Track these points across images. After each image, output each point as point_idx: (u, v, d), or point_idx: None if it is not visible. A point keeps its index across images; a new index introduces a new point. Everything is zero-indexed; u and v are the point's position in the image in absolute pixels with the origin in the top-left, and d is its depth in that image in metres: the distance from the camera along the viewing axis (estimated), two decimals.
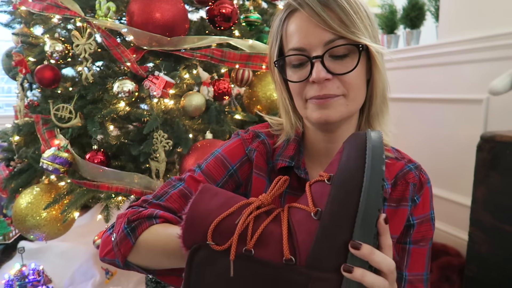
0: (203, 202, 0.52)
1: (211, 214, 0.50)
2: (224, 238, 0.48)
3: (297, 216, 0.50)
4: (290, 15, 0.61)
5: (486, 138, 1.32)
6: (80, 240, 2.08)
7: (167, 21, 1.34)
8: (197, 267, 0.49)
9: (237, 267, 0.47)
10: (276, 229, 0.49)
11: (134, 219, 0.61)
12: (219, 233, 0.48)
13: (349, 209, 0.45)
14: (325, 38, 0.57)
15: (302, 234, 0.47)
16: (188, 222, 0.50)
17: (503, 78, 1.35)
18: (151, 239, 0.59)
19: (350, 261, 0.44)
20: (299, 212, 0.50)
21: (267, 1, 1.82)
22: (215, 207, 0.51)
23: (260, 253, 0.47)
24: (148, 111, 1.41)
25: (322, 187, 0.50)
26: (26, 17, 1.68)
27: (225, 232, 0.48)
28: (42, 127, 1.48)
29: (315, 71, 0.58)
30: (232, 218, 0.49)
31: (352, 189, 0.46)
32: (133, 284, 1.78)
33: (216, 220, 0.49)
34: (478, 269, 1.36)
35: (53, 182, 1.53)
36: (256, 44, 1.45)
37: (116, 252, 0.60)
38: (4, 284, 1.61)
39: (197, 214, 0.50)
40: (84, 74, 1.42)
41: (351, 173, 0.48)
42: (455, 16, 1.97)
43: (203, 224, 0.49)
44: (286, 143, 0.70)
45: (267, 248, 0.47)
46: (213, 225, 0.48)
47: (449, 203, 1.93)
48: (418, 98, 2.20)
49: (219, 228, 0.48)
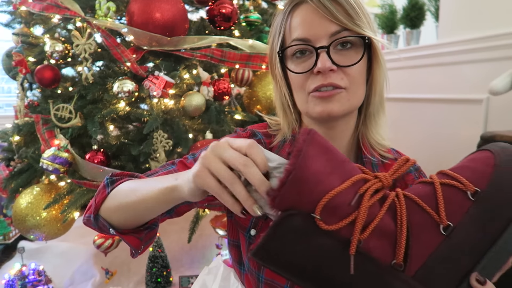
0: (314, 159, 0.41)
1: (323, 181, 0.41)
2: (332, 217, 0.40)
3: (417, 218, 0.43)
4: (295, 9, 0.62)
5: (486, 138, 1.32)
6: (80, 240, 2.08)
7: (167, 21, 1.34)
8: (287, 234, 0.41)
9: (337, 251, 0.41)
10: (390, 223, 0.43)
11: (117, 174, 0.63)
12: (327, 208, 0.40)
13: (487, 238, 0.41)
14: (331, 29, 0.58)
15: (420, 244, 0.42)
16: (295, 181, 0.39)
17: (503, 78, 1.35)
18: (126, 188, 0.60)
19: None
20: (421, 215, 0.43)
21: (267, 1, 1.82)
22: (326, 172, 0.41)
23: (368, 246, 0.41)
24: (148, 111, 1.41)
25: (459, 198, 0.43)
26: (26, 17, 1.68)
27: (334, 210, 0.41)
28: (42, 127, 1.48)
29: (321, 61, 0.57)
30: (346, 196, 0.41)
31: (501, 217, 0.41)
32: (133, 284, 1.78)
33: (330, 193, 0.40)
34: None
35: (53, 182, 1.53)
36: (256, 44, 1.45)
37: (92, 204, 0.61)
38: (5, 284, 1.61)
39: (306, 176, 0.40)
40: (84, 74, 1.42)
41: (508, 199, 0.41)
42: (455, 16, 1.97)
43: (312, 192, 0.40)
44: (282, 143, 0.69)
45: (378, 242, 0.42)
46: (326, 198, 0.40)
47: None
48: (418, 98, 2.20)
49: (329, 203, 0.40)
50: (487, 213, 0.41)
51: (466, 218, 0.41)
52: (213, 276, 0.80)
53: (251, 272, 0.67)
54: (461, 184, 0.44)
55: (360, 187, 0.42)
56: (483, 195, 0.42)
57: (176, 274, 1.79)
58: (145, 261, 1.73)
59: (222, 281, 0.77)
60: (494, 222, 0.41)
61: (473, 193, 0.43)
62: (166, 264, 1.72)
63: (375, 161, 0.67)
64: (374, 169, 0.66)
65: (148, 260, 1.70)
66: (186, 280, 1.72)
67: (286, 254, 0.41)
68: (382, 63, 0.62)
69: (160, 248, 1.71)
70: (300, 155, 0.40)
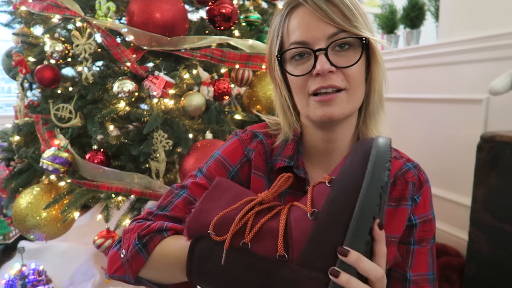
0: (212, 198, 0.55)
1: (217, 209, 0.53)
2: (225, 231, 0.50)
3: (295, 214, 0.51)
4: (292, 11, 0.62)
5: (486, 138, 1.32)
6: (80, 240, 2.08)
7: (167, 21, 1.34)
8: (197, 257, 0.52)
9: (233, 259, 0.49)
10: (274, 225, 0.50)
11: (145, 234, 0.59)
12: (220, 226, 0.51)
13: (344, 213, 0.45)
14: (328, 31, 0.58)
15: (297, 232, 0.48)
16: (195, 214, 0.54)
17: (503, 78, 1.35)
18: (164, 253, 0.58)
19: (339, 265, 0.44)
20: (298, 211, 0.51)
21: (267, 1, 1.82)
22: (223, 204, 0.54)
23: (256, 247, 0.49)
24: (148, 111, 1.41)
25: (323, 189, 0.51)
26: (26, 17, 1.68)
27: (226, 225, 0.51)
28: (42, 127, 1.48)
29: (319, 63, 0.58)
30: (235, 213, 0.52)
31: (350, 194, 0.46)
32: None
33: (219, 214, 0.51)
34: (478, 269, 1.36)
35: (53, 182, 1.53)
36: (256, 44, 1.45)
37: (127, 269, 0.59)
38: (5, 284, 1.61)
39: (204, 208, 0.54)
40: (84, 74, 1.42)
41: (351, 177, 0.48)
42: (455, 16, 1.97)
43: (207, 218, 0.52)
44: (284, 143, 0.69)
45: (263, 243, 0.49)
46: (216, 217, 0.51)
47: (449, 203, 1.93)
48: (418, 98, 2.20)
49: (221, 221, 0.51)
50: (339, 192, 0.48)
51: (327, 201, 0.48)
52: None
53: None
54: (324, 178, 0.53)
55: (247, 205, 0.52)
56: (335, 180, 0.50)
57: None
58: None
59: None
60: (346, 198, 0.47)
61: (329, 181, 0.51)
62: None
63: None
64: None
65: None
66: None
67: (206, 273, 0.51)
68: (380, 62, 0.62)
69: None
70: (202, 199, 0.55)
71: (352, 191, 0.46)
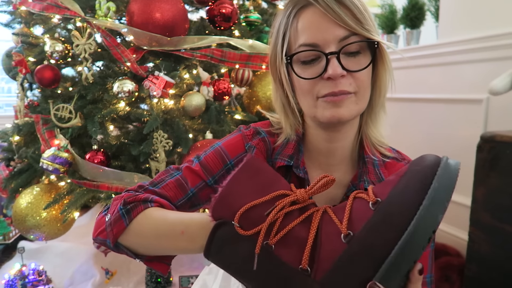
0: (242, 180, 0.50)
1: (246, 197, 0.49)
2: (251, 224, 0.47)
3: (328, 228, 0.46)
4: (301, 11, 0.60)
5: (486, 138, 1.32)
6: (80, 240, 2.08)
7: (167, 21, 1.34)
8: (218, 241, 0.49)
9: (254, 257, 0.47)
10: (303, 232, 0.47)
11: (130, 201, 0.61)
12: (247, 218, 0.48)
13: (382, 248, 0.41)
14: (340, 34, 0.57)
15: (326, 252, 0.44)
16: (222, 197, 0.49)
17: (503, 78, 1.35)
18: (145, 222, 0.59)
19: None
20: (331, 226, 0.46)
21: (267, 1, 1.82)
22: (251, 190, 0.50)
23: (280, 251, 0.46)
24: (148, 111, 1.41)
25: (364, 208, 0.45)
26: (26, 17, 1.68)
27: (253, 219, 0.48)
28: (42, 127, 1.48)
29: (331, 68, 0.57)
30: (264, 208, 0.48)
31: (395, 228, 0.41)
32: (133, 284, 1.78)
33: (247, 205, 0.48)
34: (478, 269, 1.36)
35: (53, 182, 1.53)
36: (256, 44, 1.45)
37: (109, 233, 0.60)
38: (5, 284, 1.61)
39: (232, 192, 0.49)
40: (84, 74, 1.43)
41: (400, 209, 0.42)
42: (455, 16, 1.97)
43: (234, 204, 0.48)
44: (286, 142, 0.69)
45: (289, 250, 0.46)
46: (243, 209, 0.47)
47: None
48: (418, 98, 2.20)
49: (248, 214, 0.48)
50: (383, 222, 0.42)
51: (366, 227, 0.43)
52: (214, 276, 0.80)
53: None
54: (369, 196, 0.46)
55: (278, 201, 0.48)
56: (381, 205, 0.44)
57: (176, 274, 1.79)
58: None
59: (222, 281, 0.76)
60: (389, 231, 0.41)
61: (373, 203, 0.45)
62: None
63: (376, 161, 0.67)
64: (376, 169, 0.66)
65: None
66: (186, 280, 1.72)
67: (224, 258, 0.49)
68: (388, 65, 0.62)
69: None
70: (231, 179, 0.50)
71: (399, 225, 0.41)
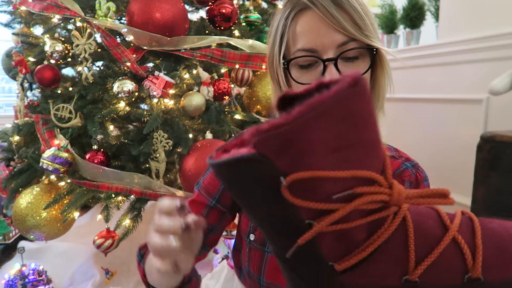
0: (326, 124, 0.29)
1: (314, 155, 0.30)
2: (302, 192, 0.31)
3: (394, 251, 0.35)
4: (299, 15, 0.59)
5: (486, 138, 1.32)
6: (80, 240, 2.08)
7: (167, 21, 1.34)
8: (243, 169, 0.30)
9: (286, 224, 0.33)
10: (362, 234, 0.34)
11: (143, 246, 0.68)
12: (301, 184, 0.30)
13: None
14: (338, 40, 0.56)
15: (377, 270, 0.35)
16: (284, 138, 0.28)
17: (503, 78, 1.35)
18: (150, 262, 0.60)
19: None
20: (400, 251, 0.35)
21: (267, 1, 1.82)
22: (331, 146, 0.30)
23: (323, 241, 0.33)
24: (148, 111, 1.41)
25: (455, 268, 0.35)
26: (26, 17, 1.68)
27: (309, 190, 0.31)
28: (42, 127, 1.48)
29: (329, 74, 0.56)
30: (333, 185, 0.31)
31: None
32: (133, 284, 1.78)
33: (310, 173, 0.29)
34: None
35: (53, 182, 1.53)
36: (256, 44, 1.45)
37: (142, 277, 0.66)
38: (5, 284, 1.61)
39: (297, 136, 0.29)
40: (84, 74, 1.42)
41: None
42: (455, 16, 1.97)
43: (296, 160, 0.29)
44: None
45: (333, 244, 0.34)
46: (302, 175, 0.29)
47: None
48: (418, 98, 2.20)
49: (310, 182, 0.30)
50: None
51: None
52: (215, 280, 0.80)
53: (252, 276, 0.67)
54: (471, 259, 0.34)
55: (359, 185, 0.31)
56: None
57: None
58: None
59: (225, 282, 0.77)
60: None
61: (471, 278, 0.34)
62: None
63: None
64: None
65: None
66: None
67: (236, 183, 0.33)
68: (387, 69, 0.62)
69: None
70: (311, 110, 0.28)
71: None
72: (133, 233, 1.40)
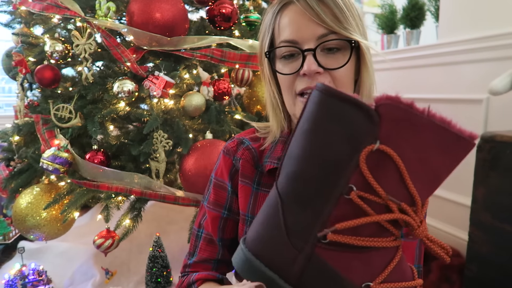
0: (434, 136, 0.34)
1: (409, 152, 0.34)
2: (376, 173, 0.34)
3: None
4: (284, 8, 0.61)
5: (486, 138, 1.32)
6: (80, 240, 2.08)
7: (167, 21, 1.34)
8: (345, 109, 0.34)
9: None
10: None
11: (191, 271, 0.72)
12: (379, 165, 0.34)
13: None
14: (318, 32, 0.58)
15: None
16: (409, 118, 0.33)
17: (503, 78, 1.35)
18: None
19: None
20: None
21: (267, 1, 1.82)
22: (422, 159, 0.34)
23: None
24: (148, 111, 1.41)
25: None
26: (26, 17, 1.68)
27: (381, 176, 0.34)
28: (42, 127, 1.48)
29: (307, 64, 0.58)
30: (397, 190, 0.35)
31: None
32: (133, 284, 1.78)
33: (403, 168, 0.34)
34: (478, 269, 1.36)
35: (53, 182, 1.53)
36: (256, 44, 1.45)
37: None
38: (5, 284, 1.61)
39: (417, 133, 0.34)
40: (84, 74, 1.42)
41: None
42: (455, 16, 1.97)
43: (401, 141, 0.34)
44: (274, 145, 0.69)
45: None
46: (399, 163, 0.33)
47: (449, 203, 1.93)
48: (418, 98, 2.20)
49: (387, 167, 0.34)
50: None
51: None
52: None
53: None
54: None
55: (388, 218, 0.35)
56: None
57: (176, 274, 1.78)
58: (145, 261, 1.73)
59: None
60: None
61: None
62: (166, 264, 1.72)
63: None
64: None
65: (148, 260, 1.70)
66: None
67: (332, 117, 0.35)
68: (369, 65, 0.62)
69: (160, 248, 1.71)
70: (444, 123, 0.33)
71: None
72: (133, 233, 1.40)
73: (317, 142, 0.36)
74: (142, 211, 1.43)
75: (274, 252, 0.38)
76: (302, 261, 0.37)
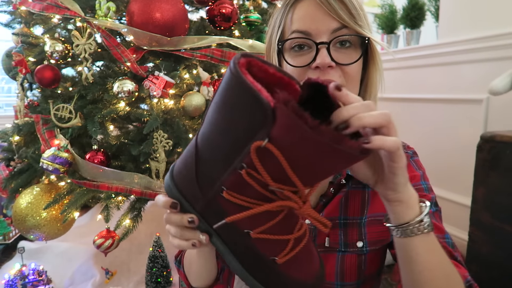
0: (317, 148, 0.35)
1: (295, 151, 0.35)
2: (264, 163, 0.36)
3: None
4: (297, 3, 0.61)
5: (486, 138, 1.32)
6: (80, 240, 2.08)
7: (167, 21, 1.34)
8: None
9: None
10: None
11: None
12: (266, 159, 0.36)
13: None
14: (332, 26, 0.58)
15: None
16: (300, 128, 0.33)
17: (503, 78, 1.35)
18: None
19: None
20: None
21: (267, 1, 1.82)
22: (307, 164, 0.36)
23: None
24: (148, 111, 1.41)
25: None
26: (26, 17, 1.68)
27: (267, 165, 0.37)
28: (42, 127, 1.48)
29: (320, 57, 0.57)
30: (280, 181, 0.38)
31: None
32: (133, 284, 1.78)
33: (285, 163, 0.35)
34: (478, 269, 1.36)
35: (53, 182, 1.53)
36: (256, 44, 1.45)
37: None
38: (5, 284, 1.61)
39: (302, 147, 0.35)
40: (84, 74, 1.42)
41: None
42: (455, 16, 1.97)
43: (289, 145, 0.35)
44: None
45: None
46: (282, 159, 0.35)
47: (449, 203, 1.93)
48: (418, 98, 2.20)
49: (272, 161, 0.36)
50: None
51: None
52: None
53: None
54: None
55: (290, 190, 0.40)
56: None
57: (176, 274, 1.78)
58: (145, 261, 1.73)
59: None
60: None
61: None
62: (166, 264, 1.72)
63: None
64: None
65: (148, 260, 1.70)
66: None
67: (233, 91, 0.38)
68: (379, 64, 0.63)
69: (160, 248, 1.71)
70: (334, 140, 0.33)
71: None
72: (133, 233, 1.40)
73: (223, 117, 0.40)
74: (142, 211, 1.43)
75: (187, 187, 0.46)
76: (205, 202, 0.44)
